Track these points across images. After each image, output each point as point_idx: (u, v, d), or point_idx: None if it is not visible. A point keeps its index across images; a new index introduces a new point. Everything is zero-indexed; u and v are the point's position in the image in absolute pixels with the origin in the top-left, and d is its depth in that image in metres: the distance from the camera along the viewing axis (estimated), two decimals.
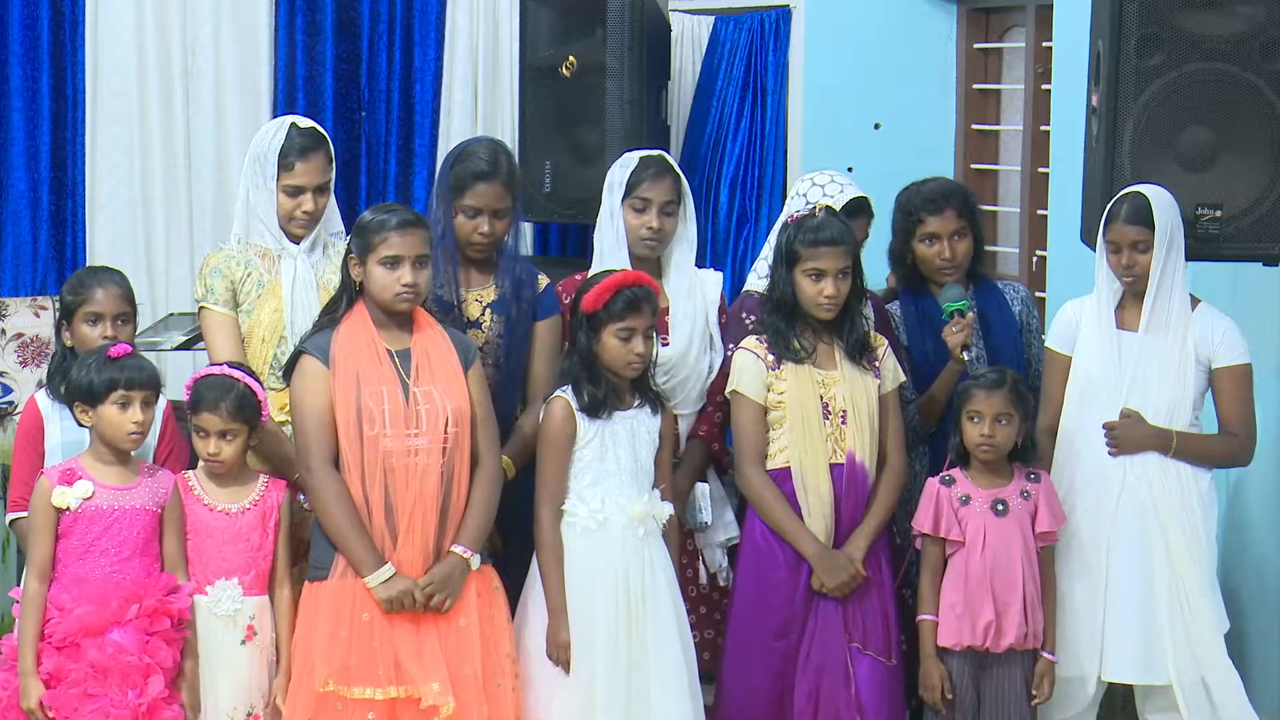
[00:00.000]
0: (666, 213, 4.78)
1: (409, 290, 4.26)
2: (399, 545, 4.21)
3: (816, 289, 4.52)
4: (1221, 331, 4.55)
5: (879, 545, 4.59)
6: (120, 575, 4.15)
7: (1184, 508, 4.50)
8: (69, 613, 4.10)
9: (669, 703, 4.38)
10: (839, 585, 4.50)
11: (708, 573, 4.91)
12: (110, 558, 4.16)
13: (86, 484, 4.16)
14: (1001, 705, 4.52)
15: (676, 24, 6.91)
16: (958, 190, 4.98)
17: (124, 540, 4.17)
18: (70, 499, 4.14)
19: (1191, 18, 4.45)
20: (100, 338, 4.40)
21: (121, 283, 4.51)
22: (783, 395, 4.54)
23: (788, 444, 4.55)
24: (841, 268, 4.52)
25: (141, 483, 4.23)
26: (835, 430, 4.54)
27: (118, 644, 4.10)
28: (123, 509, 4.18)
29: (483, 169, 4.61)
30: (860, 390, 4.56)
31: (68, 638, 4.10)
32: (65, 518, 4.15)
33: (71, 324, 4.45)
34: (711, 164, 6.89)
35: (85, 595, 4.11)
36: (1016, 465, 4.58)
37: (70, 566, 4.15)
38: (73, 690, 4.08)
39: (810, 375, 4.55)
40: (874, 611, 4.55)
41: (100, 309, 4.43)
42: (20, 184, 6.76)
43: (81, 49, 6.76)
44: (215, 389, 4.27)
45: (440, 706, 4.15)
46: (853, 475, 4.54)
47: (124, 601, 4.11)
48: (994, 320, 4.91)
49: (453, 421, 4.25)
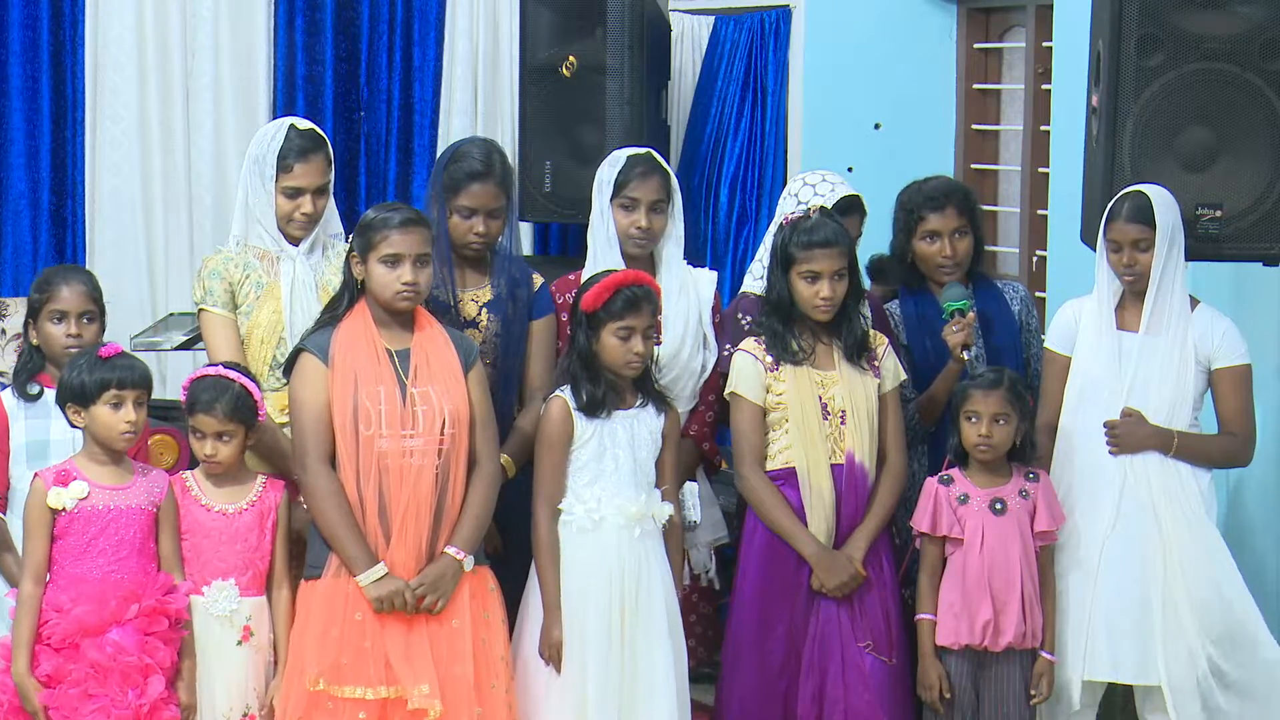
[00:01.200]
0: (656, 211, 4.78)
1: (409, 289, 4.25)
2: (391, 545, 4.20)
3: (812, 291, 4.52)
4: (1221, 332, 4.55)
5: (880, 545, 4.58)
6: (118, 575, 4.14)
7: (1184, 508, 4.50)
8: (67, 613, 4.09)
9: (659, 703, 4.37)
10: (838, 585, 4.50)
11: (692, 573, 4.91)
12: (108, 558, 4.15)
13: (82, 484, 4.15)
14: (1000, 705, 4.52)
15: (676, 24, 6.91)
16: (959, 189, 4.98)
17: (121, 540, 4.16)
18: (66, 500, 4.13)
19: (1191, 18, 4.45)
20: (65, 336, 4.40)
21: (88, 281, 4.50)
22: (781, 396, 4.54)
23: (788, 445, 4.54)
24: (837, 269, 4.52)
25: (136, 482, 4.22)
26: (834, 430, 4.54)
27: (117, 644, 4.09)
28: (119, 509, 4.17)
29: (477, 169, 4.62)
30: (859, 390, 4.56)
31: (66, 638, 4.09)
32: (61, 519, 4.14)
33: (37, 322, 4.44)
34: (711, 164, 6.89)
35: (84, 595, 4.11)
36: (1015, 465, 4.57)
37: (67, 567, 4.14)
38: (73, 690, 4.07)
39: (809, 376, 4.55)
40: (875, 611, 4.55)
41: (65, 307, 4.42)
42: (20, 184, 6.75)
43: (81, 49, 6.75)
44: (211, 390, 4.27)
45: (428, 710, 4.15)
46: (852, 475, 4.54)
47: (123, 601, 4.11)
48: (994, 320, 4.91)
49: (450, 423, 4.25)
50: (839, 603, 4.52)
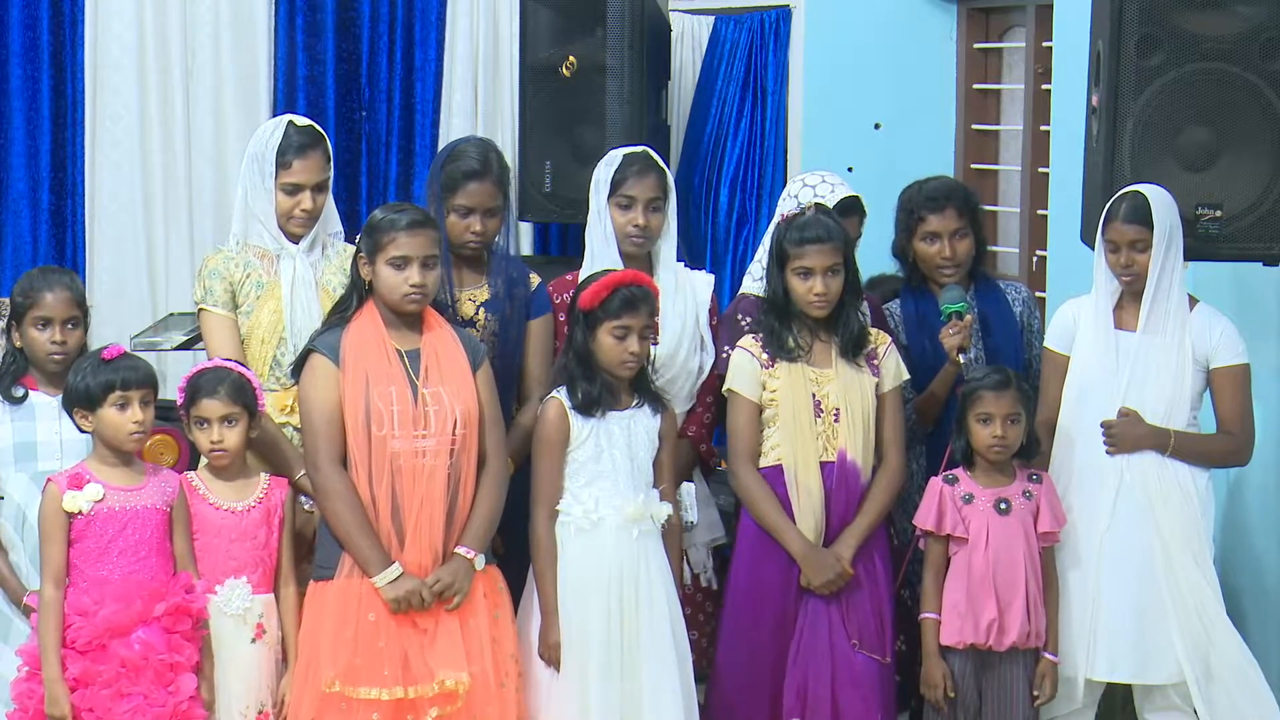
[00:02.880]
0: (653, 209, 4.78)
1: (417, 291, 4.26)
2: (406, 546, 4.21)
3: (806, 287, 4.52)
4: (1219, 332, 4.56)
5: (873, 544, 4.57)
6: (139, 575, 4.13)
7: (1181, 507, 4.50)
8: (93, 615, 4.08)
9: (663, 704, 4.38)
10: (825, 583, 4.50)
11: (691, 573, 4.91)
12: (128, 558, 4.13)
13: (96, 487, 4.14)
14: (1003, 705, 4.52)
15: (676, 24, 6.91)
16: (959, 189, 4.99)
17: (139, 540, 4.15)
18: (82, 503, 4.11)
19: (1191, 18, 4.45)
20: (49, 342, 4.38)
21: (72, 285, 4.47)
22: (775, 394, 4.55)
23: (778, 442, 4.55)
24: (830, 265, 4.52)
25: (149, 482, 4.21)
26: (828, 428, 4.54)
27: (146, 642, 4.08)
28: (135, 509, 4.16)
29: (473, 168, 4.62)
30: (855, 388, 4.56)
31: (94, 640, 4.08)
32: (78, 522, 4.12)
33: (21, 326, 4.42)
34: (711, 164, 6.89)
35: (108, 596, 4.09)
36: (1019, 466, 4.58)
37: (87, 570, 4.12)
38: (105, 690, 4.06)
39: (803, 373, 4.55)
40: (865, 609, 4.54)
41: (49, 313, 4.40)
42: (20, 184, 6.75)
43: (81, 49, 6.75)
44: (212, 376, 4.28)
45: (456, 690, 4.15)
46: (844, 473, 4.53)
47: (148, 600, 4.10)
48: (994, 321, 4.91)
49: (461, 423, 4.25)
50: (827, 600, 4.52)
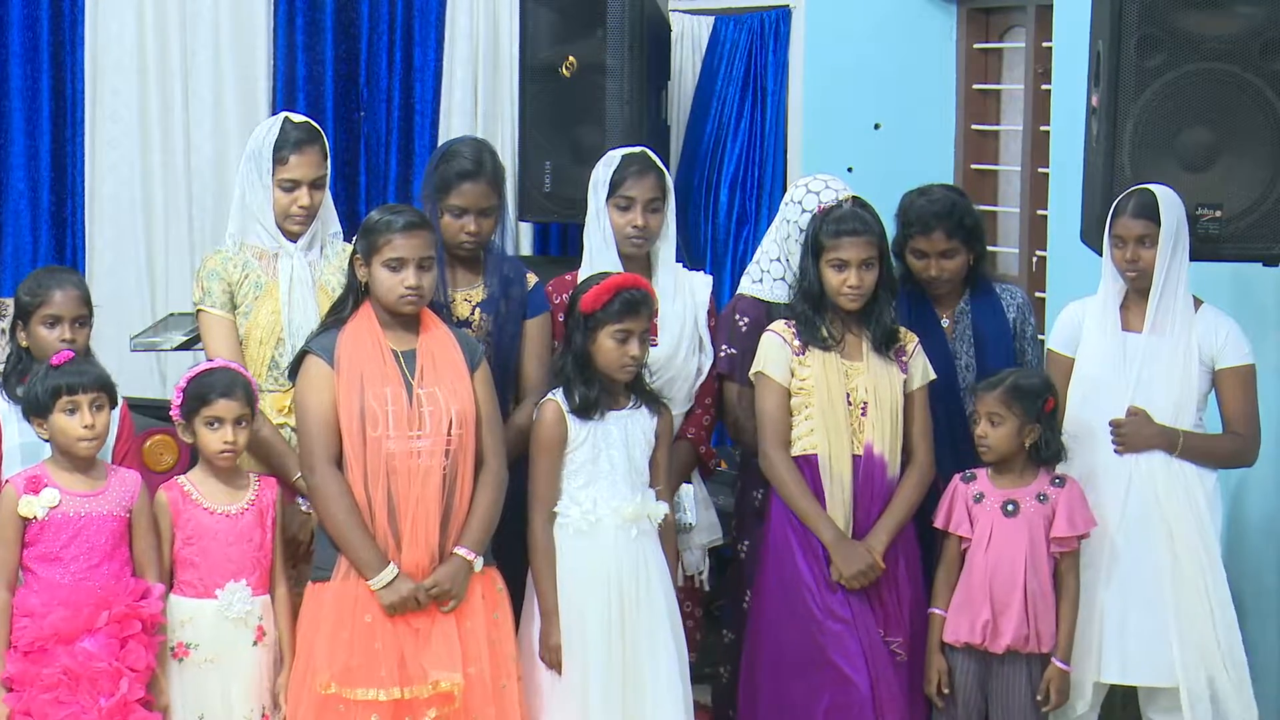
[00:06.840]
0: (652, 210, 4.77)
1: (413, 293, 4.25)
2: (403, 547, 4.20)
3: (840, 279, 4.51)
4: (1225, 332, 4.55)
5: (902, 541, 4.55)
6: (91, 582, 4.11)
7: (1190, 507, 4.49)
8: (41, 618, 4.06)
9: (663, 704, 4.37)
10: (855, 575, 4.47)
11: (684, 575, 4.90)
12: (81, 564, 4.11)
13: (53, 492, 4.11)
14: (1007, 708, 4.50)
15: (676, 24, 6.91)
16: (952, 209, 4.79)
17: (91, 547, 4.12)
18: (37, 508, 4.10)
19: (1191, 18, 4.45)
20: (58, 340, 4.35)
21: (79, 284, 4.46)
22: (806, 381, 4.52)
23: (809, 431, 4.52)
24: (865, 258, 4.50)
25: (109, 487, 4.19)
26: (855, 421, 4.52)
27: (88, 651, 4.06)
28: (90, 516, 4.14)
29: (468, 168, 4.62)
30: (884, 382, 4.54)
31: (36, 642, 4.06)
32: (32, 526, 4.11)
33: (28, 326, 4.40)
34: (711, 164, 6.89)
35: (58, 600, 4.08)
36: (1044, 469, 4.55)
37: (40, 572, 4.11)
38: (45, 695, 4.04)
39: (835, 364, 4.53)
40: (894, 606, 4.52)
41: (59, 312, 4.38)
42: (20, 184, 6.76)
43: (81, 49, 6.76)
44: (224, 377, 4.26)
45: (452, 692, 4.15)
46: (870, 467, 4.51)
47: (94, 609, 4.08)
48: (986, 333, 4.84)
49: (456, 423, 4.24)
50: (857, 595, 4.48)
